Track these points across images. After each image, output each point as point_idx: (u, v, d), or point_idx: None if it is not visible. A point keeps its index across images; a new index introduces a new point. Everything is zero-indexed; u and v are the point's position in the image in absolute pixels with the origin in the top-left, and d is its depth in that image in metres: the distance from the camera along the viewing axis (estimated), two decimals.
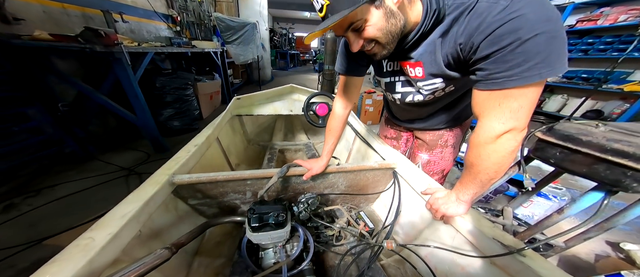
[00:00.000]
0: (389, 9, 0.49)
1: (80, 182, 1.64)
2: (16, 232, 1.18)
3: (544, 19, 0.40)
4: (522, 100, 0.45)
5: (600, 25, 3.36)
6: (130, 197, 0.67)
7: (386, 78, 0.79)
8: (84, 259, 0.48)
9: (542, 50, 0.41)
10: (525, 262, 0.52)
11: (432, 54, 0.58)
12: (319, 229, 0.96)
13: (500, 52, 0.43)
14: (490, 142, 0.50)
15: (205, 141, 1.08)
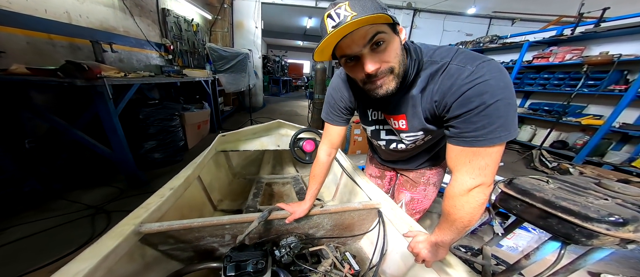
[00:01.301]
0: (401, 41, 0.52)
1: (40, 223, 1.47)
2: None
3: (502, 86, 0.46)
4: (488, 159, 0.51)
5: (551, 62, 3.72)
6: (87, 252, 0.61)
7: (371, 126, 0.82)
8: None
9: (502, 114, 0.47)
10: None
11: (414, 107, 0.63)
12: (304, 273, 0.93)
13: (469, 113, 0.49)
14: (463, 194, 0.56)
15: (183, 183, 1.04)
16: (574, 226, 0.62)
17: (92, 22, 2.53)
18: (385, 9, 0.47)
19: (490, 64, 0.49)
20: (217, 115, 4.09)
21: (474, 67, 0.49)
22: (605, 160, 3.19)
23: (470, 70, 0.49)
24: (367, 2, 0.45)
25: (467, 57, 0.52)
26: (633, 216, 0.57)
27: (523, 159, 3.57)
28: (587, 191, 0.69)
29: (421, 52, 0.58)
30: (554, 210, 0.64)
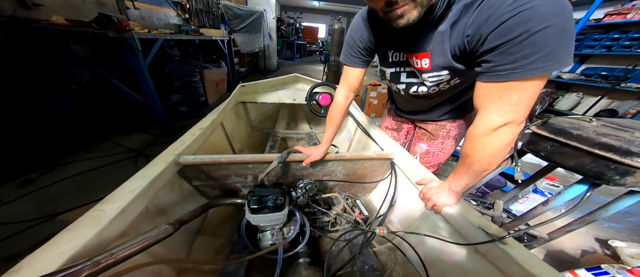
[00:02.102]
0: None
1: (92, 161, 1.76)
2: (32, 207, 1.30)
3: (555, 12, 0.40)
4: (523, 94, 0.46)
5: (629, 19, 3.20)
6: (139, 174, 0.71)
7: (391, 68, 0.79)
8: (95, 229, 0.51)
9: (551, 42, 0.41)
10: (505, 249, 0.55)
11: (441, 44, 0.57)
12: (316, 215, 0.98)
13: (508, 44, 0.43)
14: (487, 134, 0.51)
15: (209, 125, 1.10)
16: (609, 163, 0.59)
17: None
18: None
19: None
20: (234, 75, 4.20)
21: None
22: None
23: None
24: None
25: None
26: None
27: None
28: (636, 129, 0.64)
29: None
30: (590, 147, 0.61)
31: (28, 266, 0.43)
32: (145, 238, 0.55)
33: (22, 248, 1.06)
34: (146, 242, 0.55)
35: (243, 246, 0.82)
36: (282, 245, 0.74)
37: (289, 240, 0.79)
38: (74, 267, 0.41)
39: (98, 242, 0.51)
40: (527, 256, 0.52)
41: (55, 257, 0.44)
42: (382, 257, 0.91)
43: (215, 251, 0.89)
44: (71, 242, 0.47)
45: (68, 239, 0.48)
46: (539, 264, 0.51)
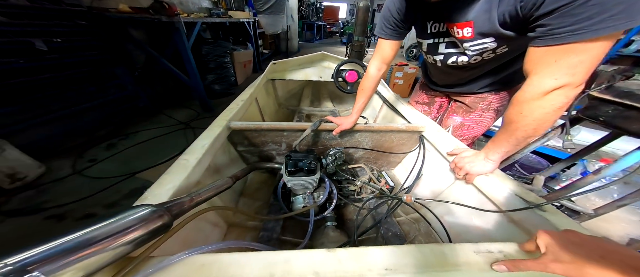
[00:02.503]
0: None
1: (152, 131, 2.12)
2: (116, 166, 1.66)
3: None
4: (584, 56, 0.41)
5: None
6: (204, 134, 0.83)
7: (429, 39, 0.77)
8: (183, 174, 0.62)
9: (603, 3, 0.37)
10: (544, 215, 0.52)
11: (487, 12, 0.54)
12: (342, 184, 1.03)
13: (570, 5, 0.39)
14: (537, 99, 0.48)
15: (248, 98, 1.23)
16: None
17: None
18: None
19: None
20: (258, 56, 4.42)
21: None
22: None
23: None
24: None
25: None
26: None
27: None
28: None
29: None
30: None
31: (151, 197, 0.55)
32: (214, 186, 0.66)
33: (116, 198, 1.40)
34: (216, 190, 0.66)
35: (278, 207, 0.92)
36: (314, 207, 0.81)
37: (319, 203, 0.85)
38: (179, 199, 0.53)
39: (185, 186, 0.62)
40: (569, 223, 0.50)
41: (163, 192, 0.56)
42: (405, 227, 0.94)
43: (255, 211, 1.01)
44: (171, 183, 0.59)
45: (169, 180, 0.60)
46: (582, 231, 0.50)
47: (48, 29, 1.56)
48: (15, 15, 1.42)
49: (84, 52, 1.77)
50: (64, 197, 1.34)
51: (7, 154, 1.26)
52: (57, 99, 1.64)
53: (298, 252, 0.44)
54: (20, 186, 1.32)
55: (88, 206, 1.31)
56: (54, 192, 1.38)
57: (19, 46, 1.41)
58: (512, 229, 0.60)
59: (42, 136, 1.57)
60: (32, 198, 1.32)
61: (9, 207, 1.25)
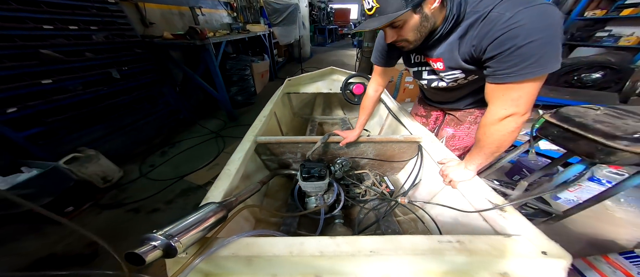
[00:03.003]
0: (425, 14, 0.62)
1: (192, 140, 2.58)
2: (169, 170, 2.09)
3: (540, 28, 0.51)
4: (521, 92, 0.58)
5: None
6: (238, 148, 1.03)
7: (413, 68, 0.93)
8: (228, 181, 0.80)
9: (535, 53, 0.52)
10: (505, 216, 0.65)
11: (451, 52, 0.71)
12: (349, 187, 1.18)
13: (501, 55, 0.57)
14: (494, 124, 0.64)
15: (268, 114, 1.45)
16: (597, 145, 0.70)
17: None
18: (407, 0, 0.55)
19: (532, 9, 0.52)
20: (274, 65, 4.84)
21: (513, 14, 0.53)
22: None
23: (507, 16, 0.54)
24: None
25: (512, 3, 0.55)
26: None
27: None
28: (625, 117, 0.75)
29: (465, 4, 0.63)
30: (586, 132, 0.73)
31: (211, 196, 0.74)
32: (249, 190, 0.85)
33: (172, 197, 1.80)
34: (251, 192, 0.85)
35: (295, 207, 1.09)
36: (324, 207, 0.96)
37: (328, 204, 0.99)
38: (230, 199, 0.72)
39: (230, 189, 0.80)
40: (522, 223, 0.63)
41: (217, 193, 0.76)
42: (404, 225, 1.05)
43: (276, 208, 1.19)
44: (221, 187, 0.78)
45: (219, 185, 0.79)
46: (529, 227, 0.62)
47: (118, 60, 2.04)
48: (97, 51, 1.90)
49: (142, 76, 2.25)
50: (137, 195, 1.79)
51: (101, 161, 1.75)
52: (127, 116, 2.13)
53: (309, 238, 0.61)
54: (108, 186, 1.79)
55: (154, 202, 1.74)
56: (130, 191, 1.84)
57: (101, 76, 1.89)
58: (485, 225, 0.72)
59: (117, 146, 2.05)
60: (117, 196, 1.78)
61: (103, 202, 1.71)
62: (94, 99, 1.87)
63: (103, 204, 1.69)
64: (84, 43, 1.82)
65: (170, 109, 2.56)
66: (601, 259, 1.12)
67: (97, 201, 1.68)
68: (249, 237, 0.62)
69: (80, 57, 1.77)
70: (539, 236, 0.60)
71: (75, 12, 1.76)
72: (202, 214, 0.59)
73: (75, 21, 1.77)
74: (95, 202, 1.67)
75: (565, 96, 3.00)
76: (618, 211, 1.52)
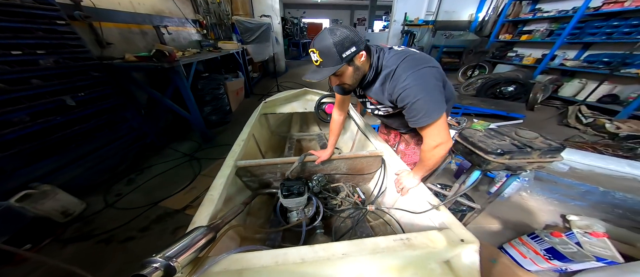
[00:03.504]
0: (356, 65, 0.84)
1: (163, 164, 2.42)
2: (140, 197, 1.95)
3: (421, 89, 0.77)
4: (434, 130, 0.83)
5: (627, 7, 3.42)
6: (219, 173, 1.10)
7: (360, 99, 1.16)
8: (212, 206, 0.88)
9: (422, 109, 0.79)
10: (440, 214, 0.85)
11: (378, 94, 0.96)
12: (327, 199, 1.32)
13: (404, 108, 0.84)
14: (430, 151, 0.88)
15: (247, 137, 1.51)
16: (480, 157, 0.98)
17: (147, 8, 3.18)
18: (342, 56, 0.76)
19: (416, 73, 0.78)
20: (249, 81, 4.81)
21: (406, 76, 0.77)
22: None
23: (403, 78, 0.78)
24: (331, 52, 0.75)
25: (408, 65, 0.80)
26: (510, 149, 0.93)
27: (557, 116, 3.69)
28: (503, 136, 1.06)
29: (383, 59, 0.87)
30: (474, 148, 1.01)
31: (197, 221, 0.81)
32: (233, 211, 0.94)
33: (147, 223, 1.69)
34: (235, 213, 0.95)
35: (278, 222, 1.18)
36: (304, 220, 1.07)
37: (309, 216, 1.11)
38: (216, 222, 0.80)
39: (214, 213, 0.87)
40: (448, 216, 0.83)
41: (203, 218, 0.82)
42: (377, 229, 1.22)
43: (259, 225, 1.28)
44: (205, 212, 0.85)
45: (203, 211, 0.86)
46: (454, 221, 0.80)
47: (73, 85, 1.87)
48: (47, 77, 1.73)
49: (101, 101, 2.08)
50: (105, 225, 1.66)
51: (58, 196, 1.59)
52: (85, 145, 1.95)
53: (291, 248, 0.70)
54: (70, 220, 1.65)
55: (127, 231, 1.63)
56: (97, 222, 1.70)
57: (53, 105, 1.71)
58: (430, 222, 0.90)
59: (77, 177, 1.86)
60: (81, 228, 1.64)
61: (66, 236, 1.58)
62: (46, 130, 1.69)
63: (66, 239, 1.55)
64: (30, 69, 1.64)
65: (135, 134, 2.38)
66: (518, 241, 1.38)
67: (58, 236, 1.56)
68: (237, 253, 0.69)
69: (25, 85, 1.59)
70: (459, 228, 0.77)
71: (17, 36, 1.60)
72: (194, 237, 0.66)
73: (17, 45, 1.60)
74: (56, 237, 1.55)
75: (492, 107, 3.72)
76: (530, 200, 1.86)
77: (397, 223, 1.08)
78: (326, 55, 0.79)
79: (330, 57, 0.78)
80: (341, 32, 0.77)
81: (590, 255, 1.12)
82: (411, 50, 0.87)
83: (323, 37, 0.78)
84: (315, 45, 0.80)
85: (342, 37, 0.77)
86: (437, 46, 6.65)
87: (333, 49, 0.77)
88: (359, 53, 0.81)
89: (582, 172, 1.65)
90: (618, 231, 1.45)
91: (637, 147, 2.37)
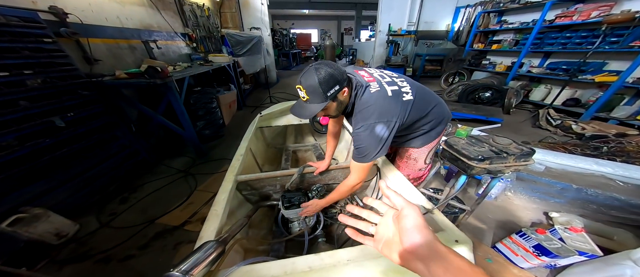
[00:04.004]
0: (339, 100, 0.95)
1: (157, 182, 2.36)
2: (136, 216, 1.89)
3: (365, 139, 0.93)
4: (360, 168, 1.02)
5: (575, 21, 3.84)
6: (221, 188, 1.12)
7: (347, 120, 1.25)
8: (217, 221, 0.89)
9: (364, 152, 0.95)
10: (433, 218, 0.89)
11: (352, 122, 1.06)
12: (326, 209, 1.31)
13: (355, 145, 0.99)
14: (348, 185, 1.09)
15: (245, 151, 1.52)
16: (465, 163, 1.07)
17: (135, 22, 3.16)
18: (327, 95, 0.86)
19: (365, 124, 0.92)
20: (241, 93, 4.79)
21: (359, 126, 0.93)
22: (612, 115, 3.47)
23: (359, 125, 0.95)
24: (317, 91, 0.84)
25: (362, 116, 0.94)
26: (489, 155, 1.03)
27: (531, 118, 3.94)
28: (483, 143, 1.15)
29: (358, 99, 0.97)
30: (459, 155, 1.10)
31: (204, 237, 0.82)
32: (238, 225, 0.97)
33: (145, 241, 1.65)
34: (240, 227, 0.97)
35: (280, 233, 1.20)
36: (306, 230, 1.11)
37: (310, 226, 1.14)
38: (223, 235, 0.82)
39: (220, 227, 0.90)
40: (441, 219, 0.88)
41: (210, 233, 0.84)
42: None
43: (262, 236, 1.31)
44: (211, 227, 0.87)
45: (209, 226, 0.88)
46: (448, 223, 0.85)
47: (62, 106, 1.81)
48: (34, 98, 1.67)
49: (91, 121, 2.02)
50: (102, 245, 1.61)
51: (51, 219, 1.54)
52: (76, 166, 1.88)
53: (298, 258, 0.73)
54: (64, 241, 1.59)
55: (125, 249, 1.59)
56: (92, 243, 1.64)
57: (42, 127, 1.65)
58: None
59: (67, 199, 1.79)
60: (77, 249, 1.59)
61: (62, 257, 1.54)
62: (36, 152, 1.63)
63: (62, 260, 1.51)
64: (17, 91, 1.58)
65: (127, 152, 2.31)
66: (509, 240, 1.44)
67: (53, 258, 1.51)
68: (247, 266, 0.71)
69: (13, 107, 1.53)
70: (453, 230, 0.82)
71: (3, 55, 1.55)
72: (205, 251, 0.68)
73: (4, 66, 1.55)
74: (51, 259, 1.50)
75: (472, 112, 4.00)
76: (515, 199, 1.98)
77: None
78: (312, 93, 0.87)
79: (317, 95, 0.87)
80: (325, 71, 0.85)
81: (573, 250, 1.19)
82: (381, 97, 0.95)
83: (309, 75, 0.86)
84: (302, 83, 0.88)
85: (327, 76, 0.85)
86: (420, 54, 6.95)
87: (319, 88, 0.86)
88: (342, 90, 0.91)
89: (556, 171, 1.77)
90: (595, 225, 1.56)
91: (601, 146, 2.58)
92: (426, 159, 1.32)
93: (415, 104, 0.99)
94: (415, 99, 0.98)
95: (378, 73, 1.06)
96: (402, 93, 0.97)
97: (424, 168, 1.38)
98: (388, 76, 1.04)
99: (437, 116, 1.13)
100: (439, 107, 1.13)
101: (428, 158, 1.32)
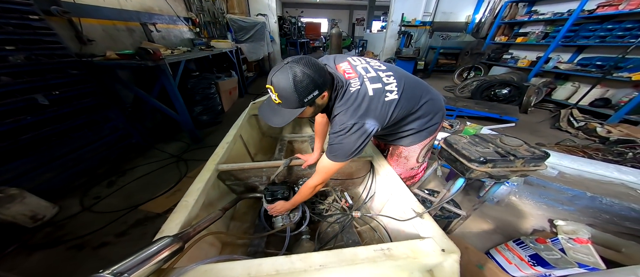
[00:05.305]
0: (317, 104, 0.84)
1: (148, 166, 2.30)
2: (120, 201, 1.84)
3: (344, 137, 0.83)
4: (327, 166, 0.92)
5: (621, 10, 3.35)
6: (198, 178, 1.04)
7: None
8: (185, 213, 0.84)
9: (333, 149, 0.86)
10: (423, 222, 0.84)
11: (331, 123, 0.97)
12: (314, 204, 1.28)
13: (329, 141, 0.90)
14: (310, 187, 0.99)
15: (232, 138, 1.45)
16: (463, 165, 0.95)
17: (135, 4, 3.05)
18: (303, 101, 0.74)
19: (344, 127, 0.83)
20: (243, 81, 4.68)
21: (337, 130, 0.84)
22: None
23: (335, 128, 0.86)
24: (291, 97, 0.72)
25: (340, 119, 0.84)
26: (493, 157, 0.88)
27: (550, 119, 3.61)
28: (488, 143, 1.00)
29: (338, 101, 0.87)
30: (458, 155, 0.98)
31: (167, 230, 0.76)
32: (208, 219, 0.89)
33: (125, 228, 1.59)
34: (210, 221, 0.89)
35: (262, 227, 1.13)
36: (289, 225, 1.05)
37: (294, 222, 1.07)
38: (186, 230, 0.76)
39: (188, 220, 0.84)
40: (431, 225, 0.83)
41: (173, 226, 0.78)
42: (364, 235, 1.19)
43: (243, 231, 1.23)
44: (177, 219, 0.81)
45: (175, 218, 0.82)
46: (437, 230, 0.80)
47: (46, 84, 1.75)
48: (16, 74, 1.61)
49: (79, 100, 1.96)
50: (80, 231, 1.55)
51: (27, 200, 1.48)
52: (61, 147, 1.83)
53: (266, 259, 0.66)
54: (40, 224, 1.54)
55: (102, 236, 1.53)
56: (70, 227, 1.59)
57: (24, 104, 1.60)
58: (413, 230, 0.89)
59: (50, 180, 1.75)
60: (52, 233, 1.53)
61: (34, 241, 1.47)
62: (16, 130, 1.58)
63: (34, 245, 1.44)
64: None
65: (119, 134, 2.26)
66: (504, 247, 1.36)
67: (25, 242, 1.44)
68: (207, 265, 0.64)
69: None
70: (441, 237, 0.75)
71: None
72: (155, 249, 0.62)
73: None
74: (22, 243, 1.43)
75: (485, 109, 3.66)
76: (519, 204, 1.80)
77: (384, 229, 1.05)
78: (285, 99, 0.74)
79: (290, 101, 0.74)
80: (303, 73, 0.70)
81: (573, 262, 1.11)
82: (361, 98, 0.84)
83: (283, 76, 0.70)
84: (274, 84, 0.72)
85: (304, 80, 0.71)
86: (434, 47, 6.53)
87: (294, 94, 0.72)
88: (321, 95, 0.78)
89: (571, 176, 1.60)
90: (604, 236, 1.43)
91: (626, 151, 2.31)
92: (418, 157, 1.21)
93: (401, 102, 0.88)
94: (400, 98, 0.87)
95: (362, 66, 0.93)
96: (385, 92, 0.85)
97: (417, 167, 1.27)
98: (373, 70, 0.91)
99: (429, 112, 1.02)
100: (431, 102, 1.01)
101: (421, 157, 1.22)
